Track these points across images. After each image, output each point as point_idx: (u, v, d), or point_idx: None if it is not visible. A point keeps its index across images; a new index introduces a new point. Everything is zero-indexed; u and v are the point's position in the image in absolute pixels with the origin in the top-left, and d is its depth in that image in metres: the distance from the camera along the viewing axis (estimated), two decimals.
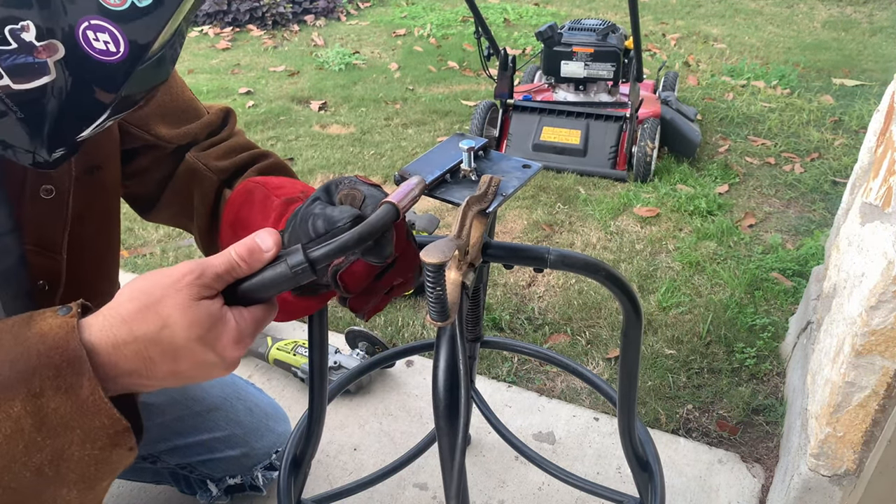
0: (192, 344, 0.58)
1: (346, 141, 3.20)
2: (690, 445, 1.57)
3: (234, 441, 1.28)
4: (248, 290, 0.61)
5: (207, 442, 1.26)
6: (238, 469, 1.31)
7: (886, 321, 1.00)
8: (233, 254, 0.60)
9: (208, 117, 0.95)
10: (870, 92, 3.69)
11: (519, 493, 1.46)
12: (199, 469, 1.28)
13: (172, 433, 1.23)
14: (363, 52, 4.58)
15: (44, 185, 0.80)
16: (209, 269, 0.59)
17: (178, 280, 0.57)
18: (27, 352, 0.55)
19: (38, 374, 0.54)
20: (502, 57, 2.85)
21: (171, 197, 0.95)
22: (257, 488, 1.34)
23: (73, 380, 0.55)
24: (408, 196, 0.66)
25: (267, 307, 0.63)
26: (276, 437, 1.35)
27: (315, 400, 0.91)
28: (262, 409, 1.35)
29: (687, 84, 3.84)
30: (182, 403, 1.25)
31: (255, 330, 0.62)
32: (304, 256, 0.59)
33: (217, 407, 1.28)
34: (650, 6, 5.58)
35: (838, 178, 2.81)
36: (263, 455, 1.32)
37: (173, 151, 0.93)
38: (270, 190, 0.81)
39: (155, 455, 1.25)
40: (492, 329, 1.95)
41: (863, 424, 1.10)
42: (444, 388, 0.67)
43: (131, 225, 2.51)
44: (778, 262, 2.21)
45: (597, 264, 0.77)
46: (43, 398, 0.54)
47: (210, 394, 1.29)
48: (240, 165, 0.92)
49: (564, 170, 2.82)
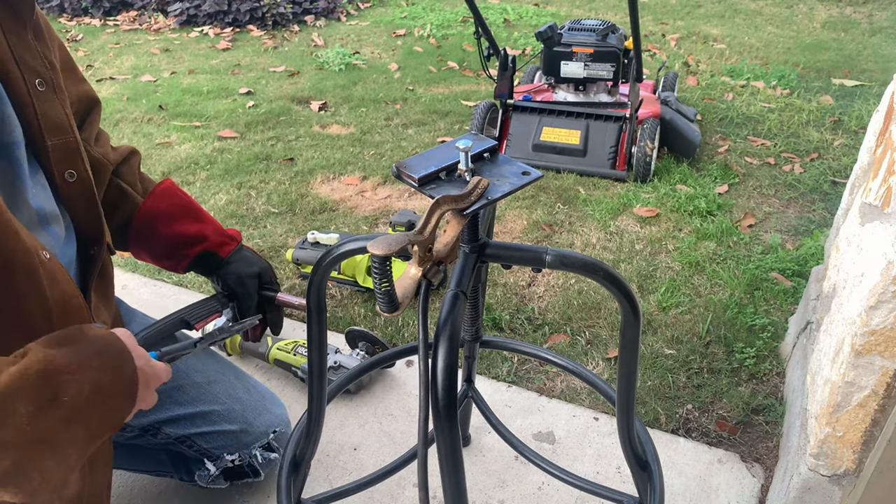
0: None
1: (346, 141, 3.20)
2: (690, 445, 1.57)
3: (233, 416, 1.30)
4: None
5: (207, 414, 1.28)
6: (236, 445, 1.31)
7: (886, 321, 1.00)
8: None
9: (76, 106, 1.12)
10: (869, 92, 3.69)
11: (519, 493, 1.46)
12: (197, 443, 1.29)
13: (173, 403, 1.26)
14: (363, 52, 4.58)
15: (37, 79, 0.93)
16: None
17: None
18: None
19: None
20: (502, 57, 2.85)
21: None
22: (256, 471, 1.34)
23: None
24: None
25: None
26: (274, 417, 1.36)
27: (315, 400, 0.91)
28: (259, 391, 1.38)
29: (687, 84, 3.85)
30: (182, 373, 1.28)
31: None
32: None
33: (217, 381, 1.32)
34: (650, 6, 5.58)
35: (838, 178, 2.81)
36: (261, 433, 1.33)
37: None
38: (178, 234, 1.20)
39: (156, 426, 1.26)
40: (492, 329, 1.95)
41: (862, 424, 1.10)
42: (443, 388, 0.67)
43: None
44: (777, 262, 2.21)
45: (595, 264, 0.77)
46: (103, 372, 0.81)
47: (210, 369, 1.33)
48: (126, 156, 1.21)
49: (564, 170, 2.83)
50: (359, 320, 1.99)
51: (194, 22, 5.17)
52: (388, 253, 0.60)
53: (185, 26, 5.16)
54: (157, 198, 1.21)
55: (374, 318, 1.99)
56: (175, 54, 4.59)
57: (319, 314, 0.85)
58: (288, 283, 2.17)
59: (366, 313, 2.02)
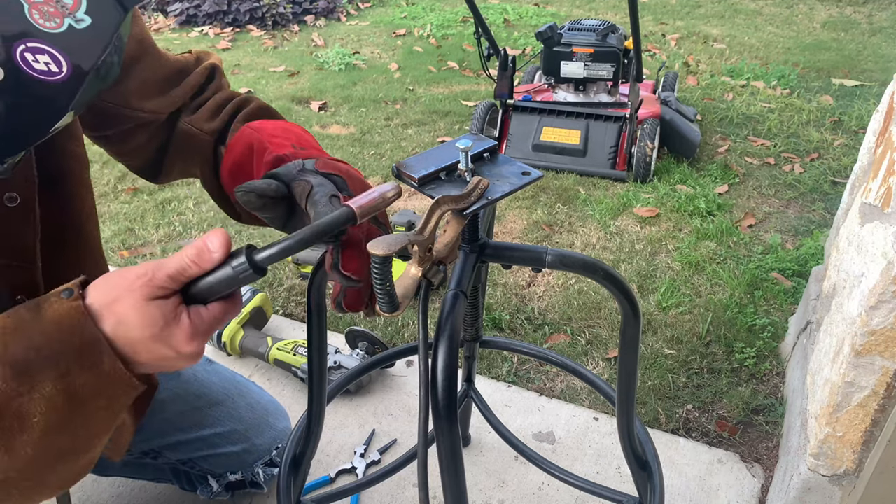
0: (146, 340, 0.63)
1: (346, 141, 3.20)
2: (690, 445, 1.57)
3: (235, 437, 1.29)
4: (201, 290, 0.65)
5: (208, 437, 1.26)
6: (239, 465, 1.31)
7: (886, 321, 1.00)
8: (184, 255, 0.63)
9: (193, 78, 0.96)
10: (869, 92, 3.69)
11: (519, 493, 1.46)
12: (200, 465, 1.28)
13: (174, 428, 1.24)
14: (363, 52, 4.58)
15: (7, 193, 0.81)
16: (161, 271, 0.63)
17: (133, 282, 0.62)
18: (48, 339, 0.61)
19: (62, 356, 0.61)
20: (502, 57, 2.85)
21: (174, 159, 0.98)
22: (258, 485, 1.34)
23: (94, 358, 0.62)
24: (371, 200, 0.64)
25: (226, 304, 0.67)
26: (277, 433, 1.35)
27: (314, 400, 0.91)
28: (262, 406, 1.36)
29: (687, 84, 3.85)
30: (183, 399, 1.25)
31: (213, 326, 0.66)
32: (245, 258, 0.63)
33: (218, 402, 1.29)
34: (650, 6, 5.58)
35: (838, 178, 2.81)
36: (264, 451, 1.33)
37: (166, 119, 0.95)
38: (266, 139, 0.83)
39: (156, 450, 1.25)
40: (492, 329, 1.95)
41: (862, 424, 1.10)
42: (443, 388, 0.67)
43: (131, 225, 2.51)
44: (777, 262, 2.21)
45: (595, 264, 0.77)
46: (70, 376, 0.62)
47: (211, 390, 1.30)
48: (227, 120, 0.95)
49: (564, 170, 2.83)
50: (359, 320, 1.99)
51: (194, 22, 5.17)
52: (388, 253, 0.60)
53: (185, 26, 5.16)
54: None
55: (374, 318, 1.99)
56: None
57: (319, 314, 0.85)
58: (288, 283, 2.16)
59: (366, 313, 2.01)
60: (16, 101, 0.60)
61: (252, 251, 0.63)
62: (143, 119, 0.92)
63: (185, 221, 2.52)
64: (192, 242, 0.64)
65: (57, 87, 0.60)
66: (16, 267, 0.85)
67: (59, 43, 0.58)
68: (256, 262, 0.63)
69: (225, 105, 0.95)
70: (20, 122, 0.62)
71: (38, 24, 0.56)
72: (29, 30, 0.56)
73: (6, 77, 0.58)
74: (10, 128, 0.62)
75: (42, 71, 0.59)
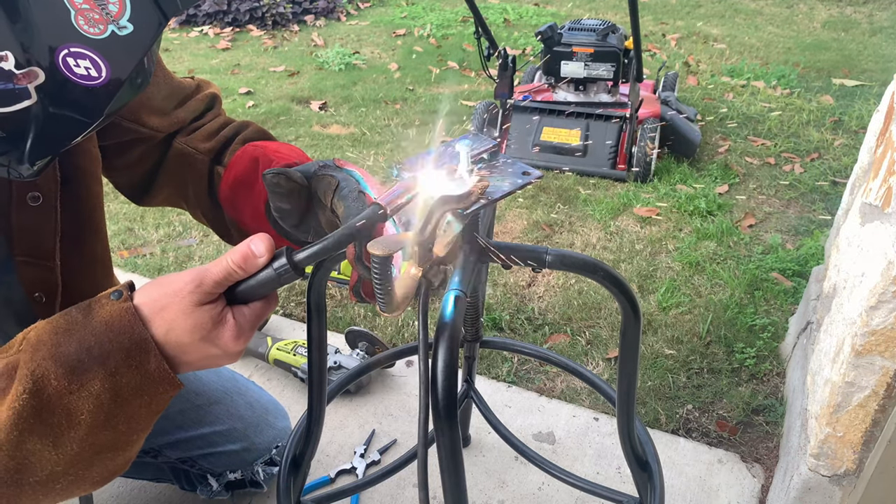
0: (196, 343, 0.66)
1: (346, 141, 3.20)
2: (690, 445, 1.57)
3: (235, 435, 1.29)
4: (244, 291, 0.68)
5: (208, 436, 1.26)
6: (238, 463, 1.31)
7: (886, 321, 1.00)
8: (229, 261, 0.66)
9: (194, 103, 0.97)
10: (870, 92, 3.69)
11: (519, 493, 1.46)
12: (199, 463, 1.28)
13: (174, 426, 1.24)
14: (363, 52, 4.58)
15: (30, 193, 0.82)
16: (208, 278, 0.65)
17: (181, 289, 0.65)
18: (98, 339, 0.64)
19: (111, 356, 0.64)
20: (502, 57, 2.84)
21: (165, 181, 0.98)
22: (258, 484, 1.34)
23: (141, 357, 0.64)
24: (398, 197, 0.66)
25: (265, 303, 0.70)
26: (277, 432, 1.35)
27: (314, 400, 0.91)
28: (262, 405, 1.36)
29: (687, 84, 3.84)
30: (183, 397, 1.26)
31: (255, 323, 0.70)
32: (286, 260, 0.65)
33: (218, 401, 1.29)
34: (650, 6, 5.58)
35: (838, 178, 2.81)
36: (264, 450, 1.33)
37: (162, 139, 0.95)
38: (271, 154, 0.86)
39: (157, 449, 1.25)
40: (492, 329, 1.95)
41: (863, 424, 1.10)
42: (443, 388, 0.67)
43: (131, 225, 2.51)
44: (778, 262, 2.21)
45: (595, 264, 0.77)
46: (117, 375, 0.64)
47: (211, 388, 1.30)
48: (224, 142, 0.96)
49: (564, 170, 2.82)
50: (359, 320, 1.99)
51: (194, 22, 5.17)
52: (387, 253, 0.60)
53: (185, 26, 5.16)
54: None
55: (374, 318, 1.99)
56: (175, 54, 4.59)
57: (319, 314, 0.85)
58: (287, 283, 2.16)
59: (366, 313, 2.01)
60: (53, 104, 0.61)
61: (291, 252, 0.66)
62: (141, 134, 0.93)
63: (185, 221, 2.52)
64: (235, 247, 0.66)
65: (95, 91, 0.61)
66: (35, 264, 0.86)
67: (101, 49, 0.59)
68: (296, 263, 0.65)
69: (222, 128, 0.97)
70: (56, 126, 0.63)
71: (82, 30, 0.57)
72: (73, 35, 0.57)
73: (46, 80, 0.59)
74: (47, 130, 0.63)
75: (82, 75, 0.60)
